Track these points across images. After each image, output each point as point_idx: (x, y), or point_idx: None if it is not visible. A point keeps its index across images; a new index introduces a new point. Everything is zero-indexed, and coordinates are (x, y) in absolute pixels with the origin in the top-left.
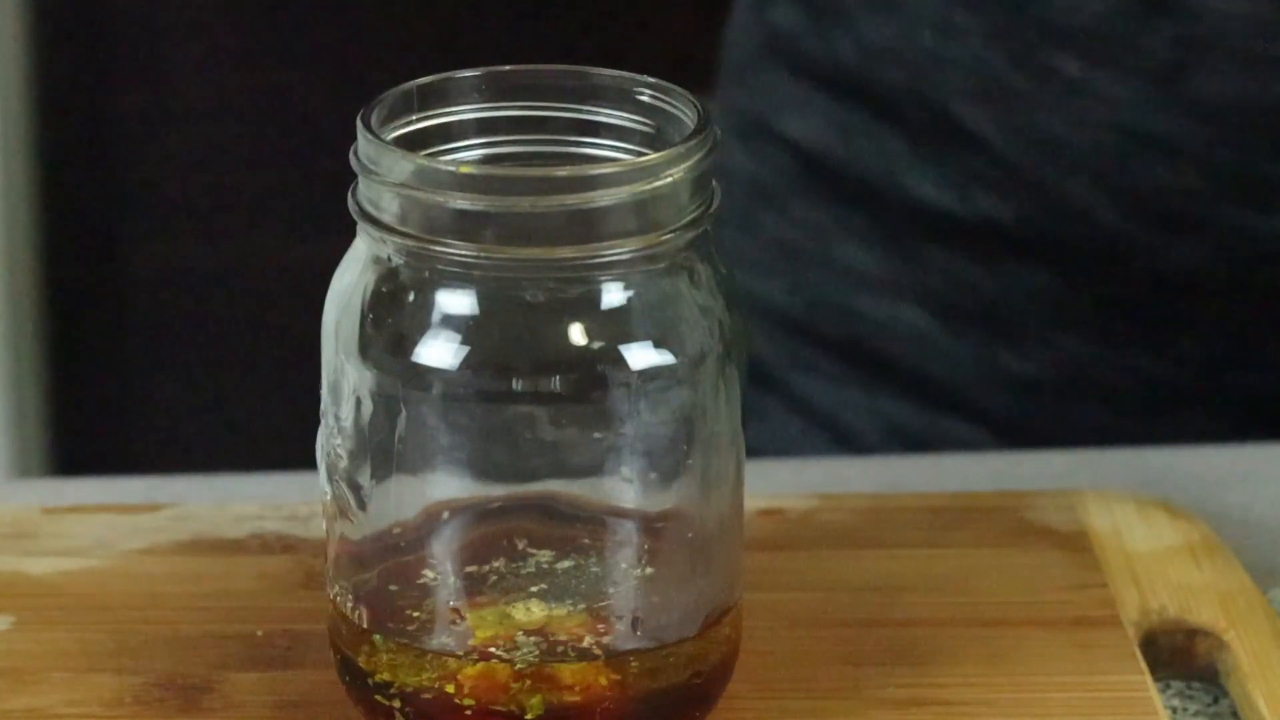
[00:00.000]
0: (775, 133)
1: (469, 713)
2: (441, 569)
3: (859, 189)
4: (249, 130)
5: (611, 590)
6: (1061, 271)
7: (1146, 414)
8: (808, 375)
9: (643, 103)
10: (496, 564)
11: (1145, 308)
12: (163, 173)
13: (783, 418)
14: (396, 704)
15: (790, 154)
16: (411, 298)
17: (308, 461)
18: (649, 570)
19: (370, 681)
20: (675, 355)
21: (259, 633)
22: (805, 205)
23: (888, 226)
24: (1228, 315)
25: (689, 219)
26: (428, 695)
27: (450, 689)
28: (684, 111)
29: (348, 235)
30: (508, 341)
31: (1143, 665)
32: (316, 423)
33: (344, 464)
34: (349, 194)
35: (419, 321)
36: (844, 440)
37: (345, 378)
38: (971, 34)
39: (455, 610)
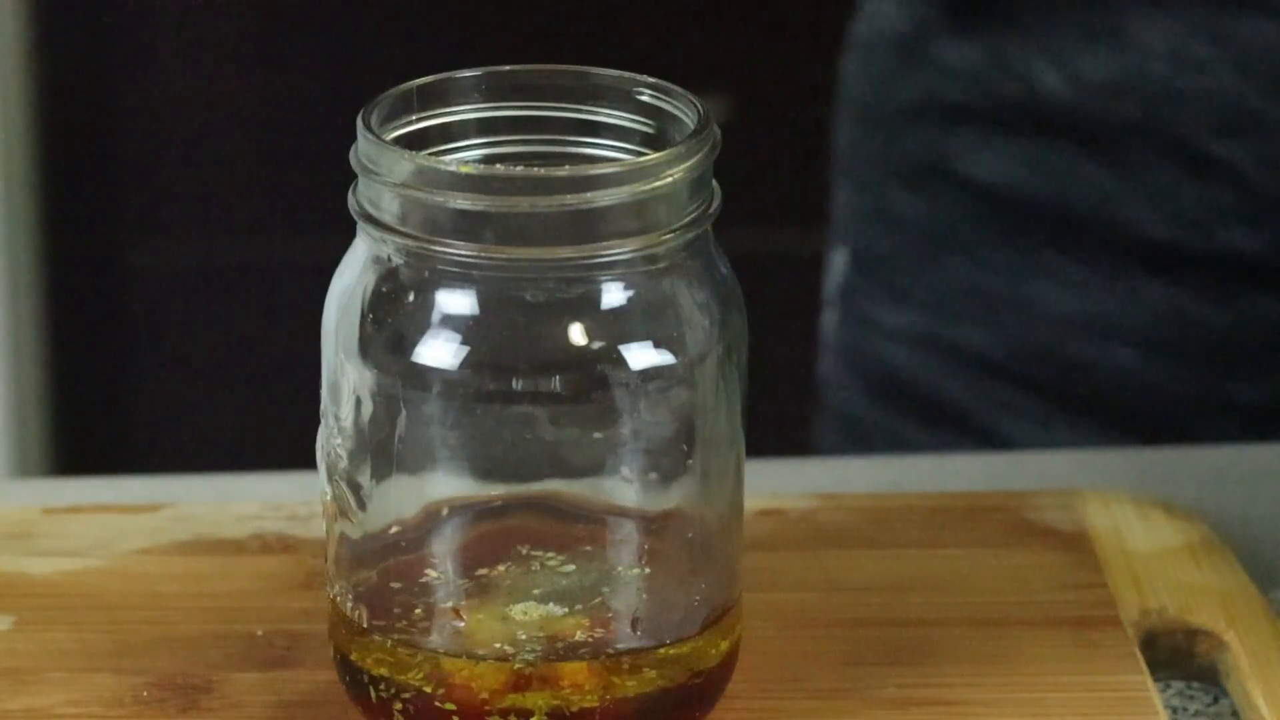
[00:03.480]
0: (954, 175)
1: (467, 712)
2: (441, 569)
3: (1060, 228)
4: (249, 130)
5: (611, 590)
6: None
7: None
8: (1009, 417)
9: (643, 103)
10: (496, 564)
11: None
12: (163, 172)
13: None
14: (396, 705)
15: (974, 196)
16: (411, 298)
17: (308, 461)
18: (649, 570)
19: (369, 680)
20: (675, 355)
21: (259, 633)
22: (994, 247)
23: (1095, 265)
24: None
25: (689, 219)
26: (426, 694)
27: (449, 688)
28: (684, 111)
29: (348, 235)
30: (508, 341)
31: (1143, 665)
32: (316, 423)
33: (344, 464)
34: (349, 194)
35: (419, 321)
36: None
37: (345, 378)
38: (1215, 66)
39: (455, 610)
